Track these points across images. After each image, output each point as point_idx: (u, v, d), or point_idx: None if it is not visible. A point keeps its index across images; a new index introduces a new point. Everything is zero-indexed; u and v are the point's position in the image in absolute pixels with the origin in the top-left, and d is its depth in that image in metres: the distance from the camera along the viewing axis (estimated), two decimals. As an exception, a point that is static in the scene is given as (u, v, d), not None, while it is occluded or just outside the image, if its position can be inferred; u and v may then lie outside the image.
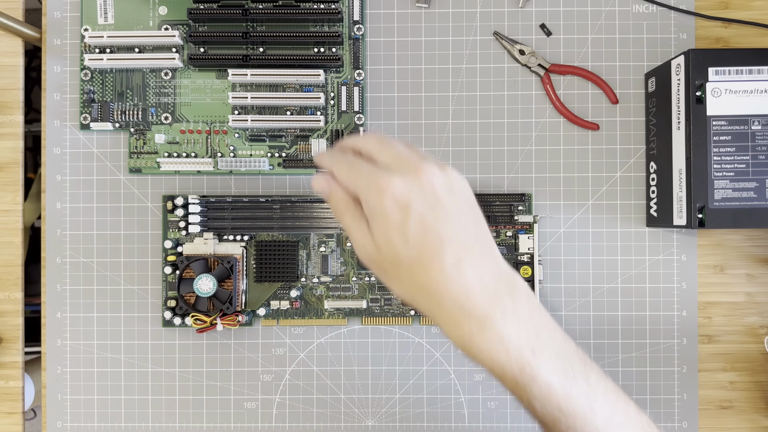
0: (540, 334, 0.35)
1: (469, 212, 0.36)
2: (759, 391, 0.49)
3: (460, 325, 0.35)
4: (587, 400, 0.35)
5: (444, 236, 0.35)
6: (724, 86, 0.42)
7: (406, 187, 0.35)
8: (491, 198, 0.48)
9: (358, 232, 0.37)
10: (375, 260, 0.37)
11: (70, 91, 0.49)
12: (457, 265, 0.34)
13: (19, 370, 0.49)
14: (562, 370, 0.35)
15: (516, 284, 0.36)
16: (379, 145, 0.37)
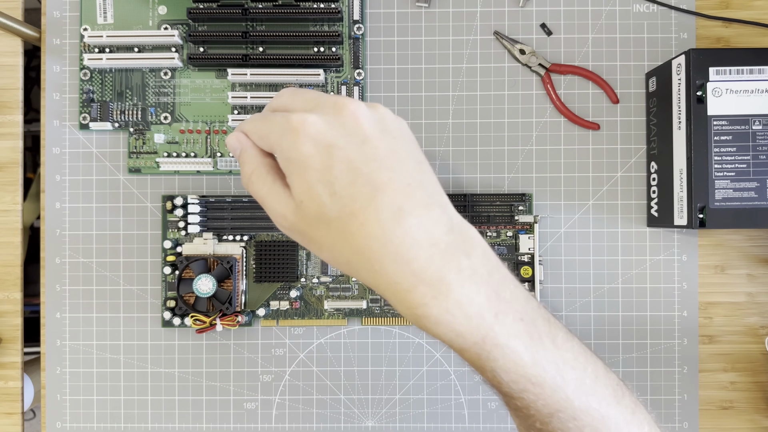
0: (501, 295, 0.30)
1: (407, 153, 0.30)
2: (760, 391, 0.49)
3: (409, 293, 0.29)
4: (556, 366, 0.30)
5: (378, 183, 0.28)
6: (725, 86, 0.42)
7: (327, 125, 0.29)
8: (491, 198, 0.48)
9: (272, 195, 0.31)
10: (297, 226, 0.30)
11: (70, 91, 0.49)
12: (398, 216, 0.28)
13: (18, 370, 0.49)
14: (527, 334, 0.30)
15: (471, 238, 0.30)
16: (293, 94, 0.31)
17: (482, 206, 0.48)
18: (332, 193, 0.29)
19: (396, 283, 0.29)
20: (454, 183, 0.49)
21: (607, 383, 0.32)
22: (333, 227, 0.29)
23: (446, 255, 0.29)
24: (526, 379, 0.30)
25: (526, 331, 0.30)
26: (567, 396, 0.31)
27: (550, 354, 0.30)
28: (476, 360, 0.30)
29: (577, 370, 0.31)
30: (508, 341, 0.29)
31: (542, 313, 0.31)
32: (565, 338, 0.32)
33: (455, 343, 0.30)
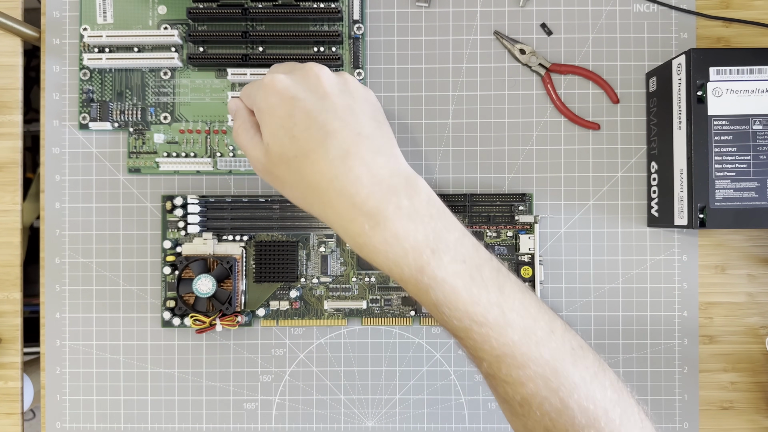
0: (442, 236, 0.33)
1: (363, 111, 0.35)
2: (760, 391, 0.49)
3: (351, 223, 0.33)
4: (500, 309, 0.32)
5: (330, 129, 0.33)
6: (725, 86, 0.42)
7: (292, 81, 0.35)
8: (492, 198, 0.48)
9: (250, 142, 0.36)
10: (266, 166, 0.36)
11: (69, 91, 0.49)
12: (344, 157, 0.33)
13: (18, 370, 0.49)
14: (468, 275, 0.32)
15: (416, 185, 0.34)
16: (278, 65, 0.38)
17: (482, 206, 0.48)
18: (291, 137, 0.33)
19: (340, 215, 0.33)
20: (454, 183, 0.49)
21: (565, 340, 0.33)
22: (292, 166, 0.34)
23: (387, 193, 0.33)
24: (469, 317, 0.32)
25: (468, 272, 0.33)
26: (513, 341, 0.32)
27: (494, 297, 0.33)
28: (417, 292, 0.33)
29: (526, 319, 0.33)
30: (446, 277, 0.32)
31: (494, 264, 0.34)
32: (515, 289, 0.33)
33: (395, 272, 0.33)
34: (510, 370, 0.33)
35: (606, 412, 0.33)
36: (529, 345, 0.33)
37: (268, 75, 0.35)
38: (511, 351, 0.33)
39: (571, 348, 0.33)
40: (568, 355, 0.33)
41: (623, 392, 0.34)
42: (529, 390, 0.33)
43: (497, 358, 0.33)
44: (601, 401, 0.33)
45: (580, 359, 0.33)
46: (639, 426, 0.33)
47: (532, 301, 0.34)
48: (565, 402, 0.32)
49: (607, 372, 0.34)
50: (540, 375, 0.32)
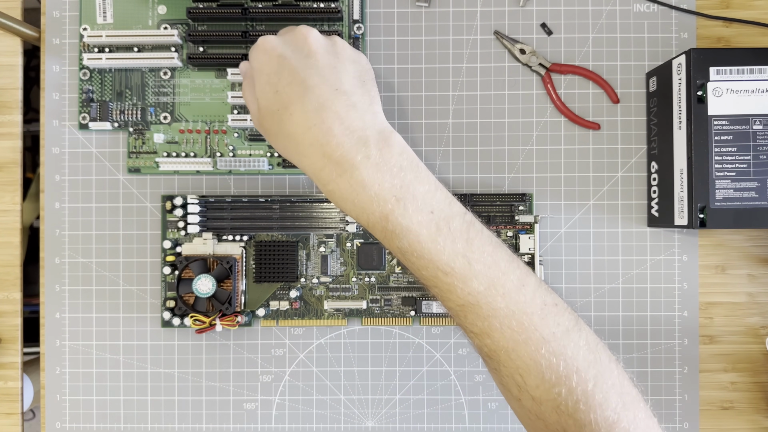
0: (410, 187, 0.34)
1: (347, 71, 0.37)
2: (760, 391, 0.49)
3: (322, 171, 0.35)
4: (466, 259, 0.33)
5: (309, 84, 0.36)
6: (726, 86, 0.42)
7: (281, 42, 0.38)
8: (492, 198, 0.48)
9: (249, 98, 0.39)
10: (258, 119, 0.39)
11: (69, 91, 0.49)
12: (319, 110, 0.35)
13: (17, 370, 0.49)
14: (434, 225, 0.34)
15: (389, 138, 0.35)
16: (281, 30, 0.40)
17: (482, 206, 0.48)
18: (275, 92, 0.36)
19: (313, 164, 0.35)
20: (454, 183, 0.49)
21: (536, 296, 0.33)
22: (275, 118, 0.36)
23: (357, 143, 0.34)
24: (434, 266, 0.34)
25: (434, 222, 0.34)
26: (478, 291, 0.33)
27: (460, 247, 0.33)
28: (383, 239, 0.35)
29: (493, 270, 0.33)
30: (410, 225, 0.33)
31: (468, 218, 0.35)
32: (486, 242, 0.34)
33: (362, 219, 0.35)
34: (475, 320, 0.33)
35: (578, 371, 0.32)
36: (494, 296, 0.33)
37: (261, 38, 0.38)
38: (476, 301, 0.33)
39: (542, 303, 0.33)
40: (537, 309, 0.33)
41: (602, 355, 0.33)
42: (495, 342, 0.33)
43: (462, 307, 0.34)
44: (572, 359, 0.32)
45: (551, 315, 0.33)
46: (617, 392, 0.32)
47: (503, 255, 0.34)
48: (533, 356, 0.32)
49: (584, 332, 0.34)
50: (506, 326, 0.32)
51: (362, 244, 0.48)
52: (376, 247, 0.48)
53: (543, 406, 0.32)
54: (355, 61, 0.38)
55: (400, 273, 0.48)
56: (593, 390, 0.32)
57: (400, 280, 0.48)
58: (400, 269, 0.48)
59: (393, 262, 0.48)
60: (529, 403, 0.33)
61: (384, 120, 0.37)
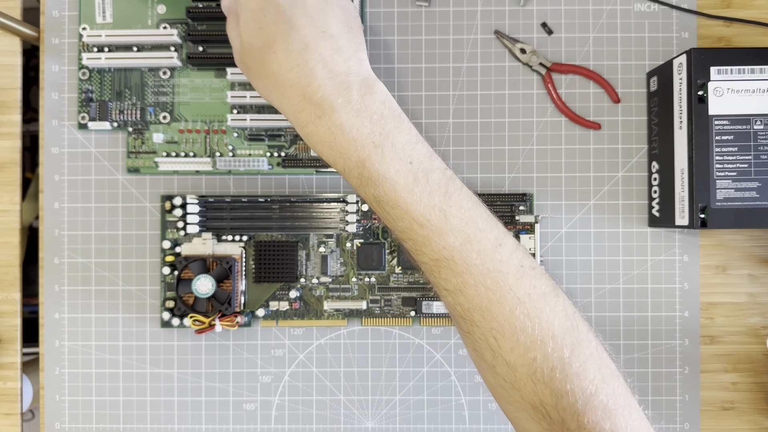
0: (390, 135, 0.33)
1: (335, 14, 0.36)
2: (761, 392, 0.49)
3: (301, 113, 0.34)
4: (442, 212, 0.32)
5: (295, 24, 0.34)
6: (726, 85, 0.42)
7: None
8: (492, 198, 0.48)
9: (232, 34, 0.38)
10: (239, 55, 0.37)
11: (68, 91, 0.49)
12: (302, 50, 0.34)
13: (17, 371, 0.49)
14: (412, 175, 0.33)
15: (373, 86, 0.35)
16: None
17: (482, 206, 0.48)
18: (259, 28, 0.35)
19: (292, 105, 0.34)
20: (455, 183, 0.49)
21: (513, 257, 0.32)
22: (257, 56, 0.35)
23: (338, 87, 0.34)
24: (410, 216, 0.33)
25: (412, 173, 0.33)
26: (453, 246, 0.32)
27: (437, 200, 0.32)
28: (359, 186, 0.34)
29: (470, 226, 0.32)
30: (387, 173, 0.33)
31: (448, 174, 0.34)
32: (465, 199, 0.33)
33: (338, 163, 0.34)
34: (449, 275, 0.32)
35: (554, 337, 0.31)
36: (470, 252, 0.32)
37: None
38: (450, 255, 0.32)
39: (519, 264, 0.32)
40: (513, 270, 0.32)
41: (579, 323, 0.32)
42: (469, 300, 0.32)
43: (436, 261, 0.33)
44: (548, 323, 0.31)
45: (527, 277, 0.32)
46: (595, 363, 0.31)
47: (482, 213, 0.34)
48: (507, 317, 0.31)
49: (562, 298, 0.33)
50: (481, 284, 0.32)
51: (362, 244, 0.48)
52: (376, 248, 0.48)
53: (518, 372, 0.31)
54: (344, 7, 0.37)
55: (400, 273, 0.48)
56: (570, 358, 0.31)
57: (400, 281, 0.48)
58: (401, 269, 0.48)
59: (393, 263, 0.48)
60: (504, 370, 0.32)
61: (369, 68, 0.36)
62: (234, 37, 0.38)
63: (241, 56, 0.37)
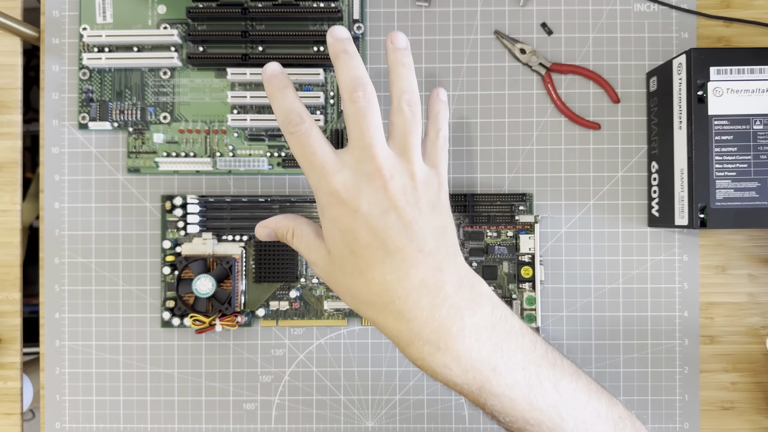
0: (503, 348, 0.32)
1: (430, 223, 0.33)
2: (761, 392, 0.49)
3: (409, 347, 0.32)
4: (555, 408, 0.32)
5: (390, 247, 0.31)
6: (726, 86, 0.42)
7: (356, 190, 0.32)
8: (492, 198, 0.48)
9: (312, 252, 0.35)
10: (326, 275, 0.34)
11: (69, 91, 0.49)
12: (402, 279, 0.31)
13: (17, 370, 0.49)
14: (526, 383, 0.32)
15: (479, 295, 0.32)
16: (354, 117, 0.33)
17: (482, 206, 0.48)
18: (351, 251, 0.32)
19: (398, 338, 0.32)
20: (454, 183, 0.49)
21: (609, 419, 0.34)
22: (349, 280, 0.33)
23: (449, 314, 0.31)
24: (524, 420, 0.32)
25: (526, 380, 0.32)
26: (564, 431, 0.33)
27: (550, 398, 0.32)
28: (475, 403, 0.33)
29: (578, 410, 0.33)
30: (504, 391, 0.32)
31: (549, 358, 0.33)
32: (569, 380, 0.33)
33: (454, 389, 0.32)
34: None
35: None
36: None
37: (330, 173, 0.32)
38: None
39: (614, 424, 0.34)
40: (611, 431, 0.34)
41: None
42: None
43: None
44: None
45: (620, 430, 0.34)
46: None
47: (583, 387, 0.34)
48: None
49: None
50: None
51: (362, 244, 0.48)
52: (376, 247, 0.48)
53: None
54: (435, 206, 0.33)
55: (400, 273, 0.48)
56: None
57: (400, 280, 0.48)
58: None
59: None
60: None
61: (468, 269, 0.33)
62: (308, 251, 0.35)
63: (327, 276, 0.34)
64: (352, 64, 0.34)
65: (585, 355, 0.49)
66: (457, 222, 0.48)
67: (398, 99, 0.34)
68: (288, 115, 0.34)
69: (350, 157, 0.33)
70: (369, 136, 0.33)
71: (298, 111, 0.34)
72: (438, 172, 0.35)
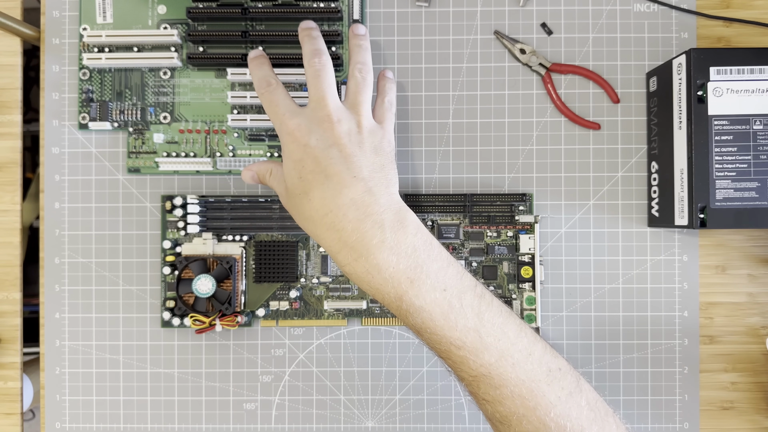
0: (424, 266, 0.36)
1: (367, 157, 0.39)
2: (760, 391, 0.49)
3: (339, 254, 0.37)
4: (477, 333, 0.36)
5: (329, 173, 0.38)
6: (726, 86, 0.42)
7: (308, 129, 0.39)
8: (492, 198, 0.48)
9: (275, 183, 0.42)
10: (285, 200, 0.41)
11: (69, 91, 0.49)
12: (336, 196, 0.37)
13: (17, 370, 0.49)
14: (447, 302, 0.36)
15: (404, 219, 0.37)
16: (312, 77, 0.40)
17: (482, 206, 0.48)
18: (300, 177, 0.39)
19: (330, 246, 0.38)
20: (454, 183, 0.49)
21: (542, 363, 0.36)
22: (297, 201, 0.39)
23: (372, 228, 0.36)
24: (447, 341, 0.36)
25: (446, 300, 0.36)
26: (489, 363, 0.35)
27: (472, 322, 0.36)
28: (399, 316, 0.38)
29: (503, 342, 0.36)
30: (423, 305, 0.36)
31: (478, 291, 0.37)
32: (495, 314, 0.37)
33: (378, 298, 0.37)
34: (488, 389, 0.36)
35: (582, 429, 0.35)
36: (505, 367, 0.35)
37: (291, 120, 0.39)
38: (488, 372, 0.35)
39: (548, 370, 0.36)
40: (543, 376, 0.36)
41: (601, 411, 0.37)
42: (507, 408, 0.35)
43: (475, 378, 0.36)
44: (577, 419, 0.35)
45: (556, 380, 0.36)
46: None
47: (512, 325, 0.37)
48: (542, 420, 0.35)
49: (585, 392, 0.37)
50: (517, 395, 0.35)
51: (362, 244, 0.48)
52: (376, 247, 0.48)
53: None
54: (377, 147, 0.40)
55: (400, 273, 0.48)
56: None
57: (400, 280, 0.48)
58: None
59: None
60: None
61: (399, 199, 0.39)
62: (277, 184, 0.42)
63: (286, 200, 0.41)
64: (314, 41, 0.42)
65: (585, 355, 0.49)
66: (457, 222, 0.48)
67: (353, 67, 0.42)
68: (260, 80, 0.42)
69: (307, 108, 0.40)
70: (322, 90, 0.40)
71: (267, 77, 0.42)
72: (383, 127, 0.41)
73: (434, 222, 0.48)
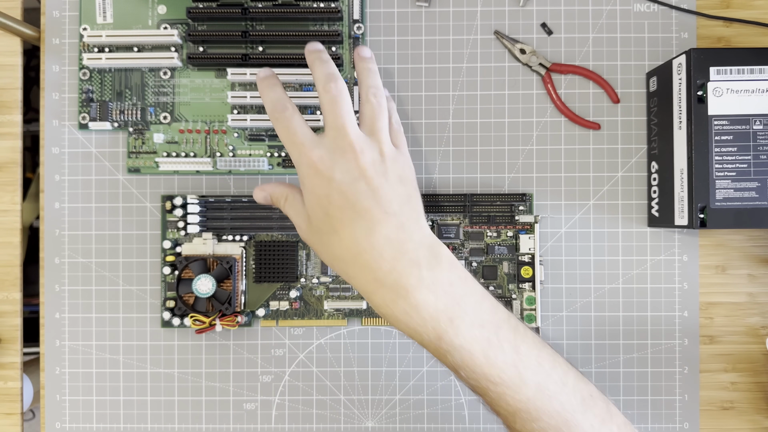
0: (462, 302, 0.35)
1: (395, 190, 0.37)
2: (760, 392, 0.49)
3: (374, 295, 0.36)
4: (515, 368, 0.35)
5: (359, 209, 0.36)
6: (726, 86, 0.42)
7: (331, 161, 0.37)
8: (492, 198, 0.48)
9: (293, 212, 0.40)
10: (306, 235, 0.39)
11: (69, 91, 0.49)
12: (368, 235, 0.36)
13: (17, 370, 0.49)
14: (485, 339, 0.35)
15: (438, 254, 0.36)
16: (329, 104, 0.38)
17: (482, 206, 0.48)
18: (326, 214, 0.37)
19: (363, 287, 0.36)
20: (454, 183, 0.49)
21: (576, 391, 0.36)
22: (325, 239, 0.37)
23: (408, 266, 0.35)
24: (485, 378, 0.35)
25: (485, 337, 0.35)
26: (528, 397, 0.35)
27: (510, 358, 0.35)
28: (437, 355, 0.36)
29: (540, 375, 0.35)
30: (463, 344, 0.35)
31: (512, 323, 0.36)
32: (531, 346, 0.36)
33: (416, 338, 0.36)
34: (524, 423, 0.35)
35: None
36: (542, 399, 0.35)
37: (308, 149, 0.37)
38: (525, 407, 0.35)
39: (581, 398, 0.36)
40: (578, 405, 0.35)
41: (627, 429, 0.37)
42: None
43: (513, 413, 0.35)
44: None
45: (589, 408, 0.36)
46: None
47: (546, 356, 0.36)
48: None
49: (614, 416, 0.37)
50: (552, 426, 0.35)
51: (362, 244, 0.48)
52: (376, 247, 0.48)
53: None
54: (401, 177, 0.38)
55: (400, 273, 0.48)
56: None
57: (400, 280, 0.48)
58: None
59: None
60: None
61: (430, 232, 0.38)
62: (295, 215, 0.40)
63: (307, 236, 0.39)
64: (326, 65, 0.40)
65: (585, 355, 0.49)
66: (457, 222, 0.48)
67: (366, 92, 0.40)
68: (274, 104, 0.39)
69: (326, 137, 0.38)
70: (342, 118, 0.38)
71: (282, 101, 0.39)
72: (402, 151, 0.40)
73: (434, 222, 0.48)
